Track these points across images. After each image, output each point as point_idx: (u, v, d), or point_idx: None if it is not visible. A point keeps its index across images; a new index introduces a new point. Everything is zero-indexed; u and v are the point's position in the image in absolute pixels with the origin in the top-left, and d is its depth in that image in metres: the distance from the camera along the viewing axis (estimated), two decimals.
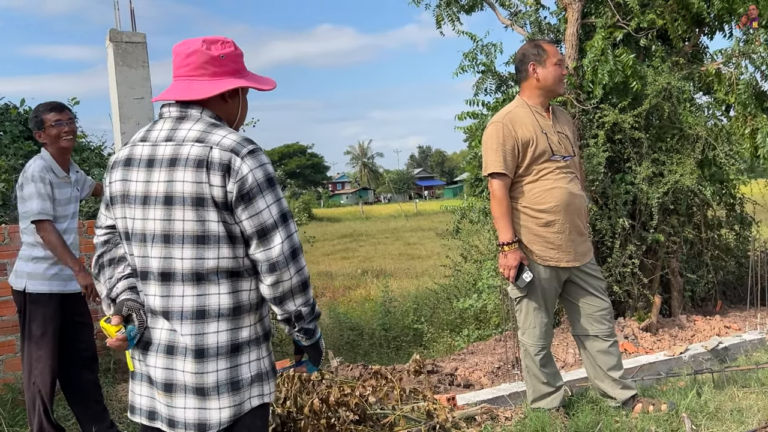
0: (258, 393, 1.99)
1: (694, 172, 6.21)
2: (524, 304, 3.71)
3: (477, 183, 7.54)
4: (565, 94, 6.33)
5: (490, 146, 3.62)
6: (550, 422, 3.46)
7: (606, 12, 6.65)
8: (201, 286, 1.92)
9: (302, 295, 1.95)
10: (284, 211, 1.94)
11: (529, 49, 3.77)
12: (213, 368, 1.91)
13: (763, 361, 4.60)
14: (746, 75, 6.85)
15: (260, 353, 2.01)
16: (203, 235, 1.90)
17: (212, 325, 1.92)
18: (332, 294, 12.62)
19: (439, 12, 7.48)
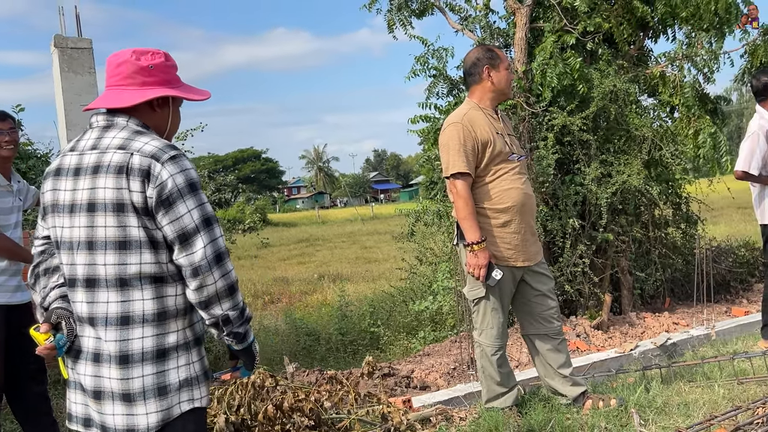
0: (188, 398, 1.99)
1: (641, 173, 6.35)
2: (482, 305, 3.75)
3: (432, 186, 7.58)
4: (515, 97, 6.42)
5: (452, 147, 3.63)
6: (504, 421, 3.51)
7: (554, 16, 6.78)
8: (125, 292, 1.94)
9: (229, 299, 1.95)
10: (207, 216, 1.94)
11: (483, 52, 3.81)
12: (138, 374, 1.93)
13: (708, 356, 4.73)
14: (689, 77, 7.06)
15: (189, 358, 2.00)
16: (124, 240, 1.92)
17: (137, 331, 1.94)
18: (288, 299, 12.54)
19: (390, 17, 7.53)
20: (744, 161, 5.11)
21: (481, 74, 3.76)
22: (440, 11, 7.41)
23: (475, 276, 3.60)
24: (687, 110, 6.90)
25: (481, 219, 3.67)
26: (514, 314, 4.03)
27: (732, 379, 4.18)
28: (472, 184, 3.66)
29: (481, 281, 3.61)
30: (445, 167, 3.69)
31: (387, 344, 7.69)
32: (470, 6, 7.32)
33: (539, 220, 6.19)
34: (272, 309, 11.64)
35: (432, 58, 6.99)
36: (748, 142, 5.13)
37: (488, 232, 3.66)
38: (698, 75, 7.08)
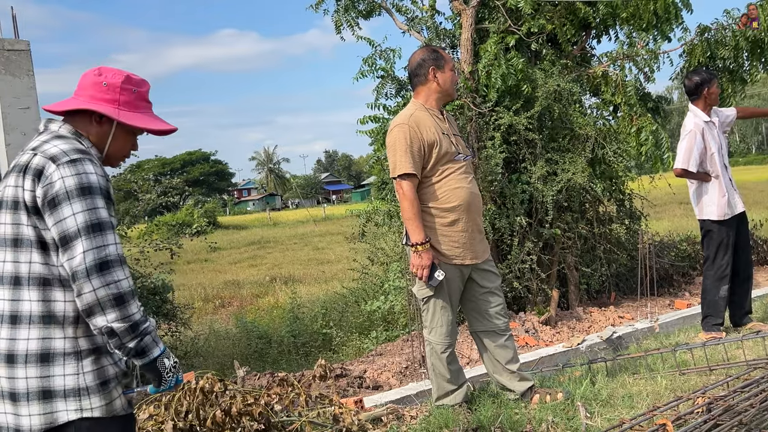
0: (76, 407, 1.95)
1: (586, 170, 6.49)
2: (431, 304, 3.78)
3: (383, 186, 7.62)
4: (462, 97, 6.49)
5: (398, 148, 3.66)
6: (454, 418, 3.55)
7: (498, 17, 6.87)
8: (16, 290, 1.95)
9: (114, 310, 1.88)
10: (94, 221, 1.91)
11: (428, 54, 3.85)
12: (22, 375, 1.92)
13: (652, 348, 4.86)
14: (631, 77, 7.24)
15: (79, 368, 1.96)
16: (17, 238, 1.95)
17: (23, 332, 1.94)
18: (240, 303, 12.44)
19: (337, 17, 7.52)
20: (682, 159, 5.28)
21: (427, 75, 3.80)
22: (387, 12, 7.44)
23: (418, 276, 3.65)
24: (629, 109, 7.07)
25: (429, 218, 3.70)
26: (463, 311, 4.07)
27: (674, 370, 4.31)
28: (419, 185, 3.70)
29: (424, 281, 3.65)
30: (392, 168, 3.72)
31: (340, 345, 7.69)
32: (416, 7, 7.37)
33: (488, 218, 6.27)
34: (223, 313, 11.53)
35: (379, 59, 7.03)
36: (686, 140, 5.29)
37: (436, 231, 3.69)
38: (639, 74, 7.27)
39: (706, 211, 5.30)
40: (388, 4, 7.41)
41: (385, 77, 7.04)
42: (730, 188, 5.27)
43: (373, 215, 7.58)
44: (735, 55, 7.04)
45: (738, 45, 6.92)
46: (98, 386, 1.98)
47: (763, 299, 6.51)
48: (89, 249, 1.88)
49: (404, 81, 7.03)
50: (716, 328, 5.29)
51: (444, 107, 4.01)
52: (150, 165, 71.62)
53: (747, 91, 7.90)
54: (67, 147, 1.97)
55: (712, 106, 5.37)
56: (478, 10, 6.82)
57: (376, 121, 7.12)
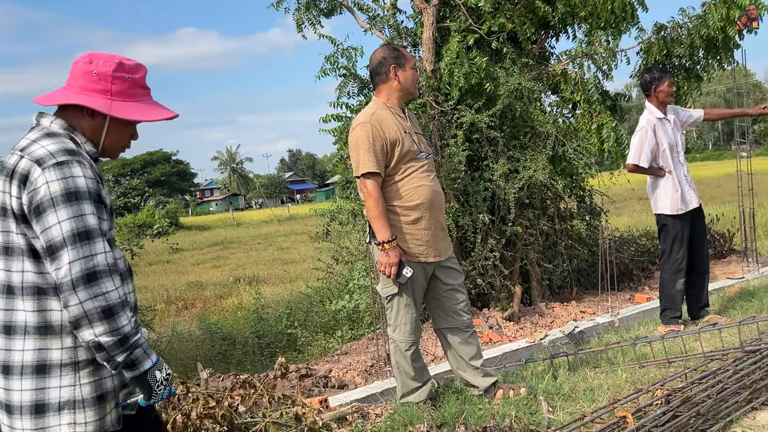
0: (69, 421, 1.87)
1: (547, 168, 6.57)
2: (395, 302, 3.79)
3: (347, 185, 7.61)
4: (424, 96, 6.52)
5: (361, 146, 3.65)
6: (418, 415, 3.56)
7: (459, 16, 6.91)
8: (10, 299, 1.87)
9: (102, 323, 1.78)
10: (81, 230, 1.80)
11: (389, 52, 3.84)
12: (18, 387, 1.86)
13: (612, 342, 4.94)
14: (590, 74, 7.35)
15: (76, 379, 1.88)
16: (8, 246, 1.86)
17: (18, 343, 1.86)
18: (203, 304, 12.32)
19: (299, 16, 7.50)
20: (634, 155, 5.39)
21: (388, 74, 3.80)
22: (348, 11, 7.44)
23: (386, 274, 3.65)
24: (588, 106, 7.18)
25: (392, 217, 3.70)
26: (427, 309, 4.09)
27: (634, 364, 4.38)
28: (382, 183, 3.70)
29: (392, 279, 3.66)
30: (355, 167, 3.71)
31: (305, 345, 7.67)
32: (378, 5, 7.38)
33: (451, 216, 6.30)
34: (186, 315, 11.41)
35: (341, 57, 7.02)
36: (638, 136, 5.40)
37: (399, 229, 3.70)
38: (598, 72, 7.39)
39: (661, 206, 5.41)
40: (349, 2, 7.41)
41: (347, 76, 7.03)
42: (684, 184, 5.38)
43: (337, 214, 7.58)
44: (690, 53, 7.19)
45: (693, 43, 7.06)
46: (94, 399, 1.91)
47: (719, 292, 6.66)
48: (75, 259, 1.77)
49: (366, 79, 7.03)
50: (675, 321, 5.39)
51: (406, 106, 4.02)
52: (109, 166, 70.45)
53: (703, 88, 8.07)
54: (55, 148, 1.86)
55: (667, 103, 5.47)
56: (440, 9, 6.86)
57: (338, 119, 7.11)
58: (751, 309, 5.59)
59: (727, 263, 8.82)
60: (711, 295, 6.20)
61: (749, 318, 4.64)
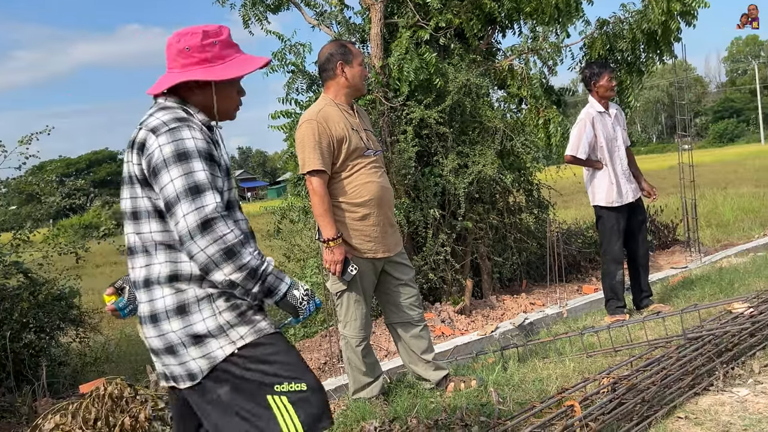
0: (227, 342, 2.06)
1: (495, 162, 6.64)
2: (345, 298, 3.79)
3: (298, 182, 7.55)
4: (373, 92, 6.52)
5: (307, 144, 3.64)
6: (370, 411, 3.57)
7: (407, 12, 6.92)
8: (147, 257, 2.09)
9: (228, 263, 1.96)
10: (192, 184, 1.97)
11: (336, 48, 3.84)
12: (168, 329, 2.06)
13: (561, 333, 5.03)
14: (535, 70, 7.45)
15: (214, 309, 2.06)
16: (136, 211, 2.09)
17: (157, 291, 2.07)
18: None
19: (245, 12, 7.41)
20: (572, 146, 5.52)
21: (335, 70, 3.79)
22: (296, 6, 7.38)
23: (331, 271, 3.65)
24: (535, 101, 7.28)
25: (340, 213, 3.70)
26: (379, 304, 4.10)
27: (581, 353, 4.47)
28: (329, 180, 3.69)
29: (338, 276, 3.66)
30: (301, 165, 3.71)
31: None
32: (325, 1, 7.34)
33: (402, 211, 6.32)
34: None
35: (289, 53, 6.96)
36: (576, 128, 5.53)
37: (347, 226, 3.70)
38: (543, 67, 7.49)
39: (597, 197, 5.55)
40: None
41: (296, 72, 6.97)
42: (621, 177, 5.52)
43: (288, 212, 7.52)
44: (632, 48, 7.34)
45: (635, 37, 7.21)
46: (237, 317, 2.08)
47: (663, 282, 6.84)
48: (189, 212, 1.95)
49: (315, 76, 6.98)
50: (620, 311, 5.52)
51: (355, 102, 4.01)
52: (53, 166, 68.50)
53: (645, 83, 8.26)
54: (167, 117, 2.06)
55: (607, 98, 5.59)
56: (387, 5, 6.86)
57: (287, 116, 7.06)
58: (694, 297, 5.76)
59: (670, 253, 9.06)
60: (655, 285, 6.37)
61: (691, 306, 4.78)
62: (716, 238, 10.17)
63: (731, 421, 3.23)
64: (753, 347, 4.09)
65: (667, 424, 3.25)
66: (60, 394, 5.50)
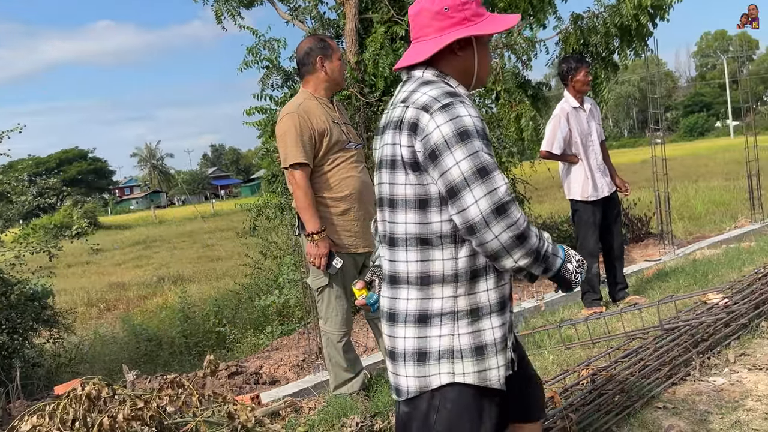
0: (448, 370, 1.88)
1: None
2: (326, 294, 3.77)
3: (273, 179, 7.51)
4: (349, 88, 6.50)
5: (289, 137, 3.61)
6: (351, 406, 3.55)
7: (382, 7, 6.91)
8: (394, 251, 1.94)
9: (519, 249, 1.79)
10: (478, 166, 1.78)
11: (315, 43, 3.81)
12: (401, 334, 1.92)
13: (538, 326, 5.06)
14: (510, 65, 7.49)
15: (454, 329, 1.88)
16: (393, 198, 1.92)
17: (402, 291, 1.92)
18: (126, 305, 12.00)
19: (218, 7, 7.36)
20: (547, 141, 5.55)
21: (315, 64, 3.77)
22: (269, 1, 7.34)
23: (316, 265, 3.63)
24: (509, 96, 7.32)
25: (321, 208, 3.68)
26: None
27: (560, 346, 4.50)
28: (310, 174, 3.67)
29: (323, 270, 3.64)
30: (283, 158, 3.67)
31: (234, 342, 7.56)
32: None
33: None
34: (109, 317, 11.09)
35: (264, 49, 6.92)
36: (551, 124, 5.56)
37: (329, 220, 3.68)
38: (517, 62, 7.54)
39: (572, 191, 5.59)
40: None
41: (271, 68, 6.94)
42: (596, 171, 5.56)
43: (264, 209, 7.49)
44: (606, 42, 7.41)
45: (609, 32, 7.28)
46: (473, 350, 1.89)
47: (638, 274, 6.91)
48: (481, 197, 1.77)
49: (290, 71, 6.95)
50: (596, 303, 5.57)
51: (334, 96, 4.00)
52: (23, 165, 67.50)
53: (619, 77, 8.35)
54: (437, 92, 1.86)
55: (583, 92, 5.63)
56: (362, 0, 6.84)
57: (262, 112, 7.02)
58: (669, 289, 5.83)
59: (644, 246, 9.17)
60: (630, 277, 6.44)
61: (667, 297, 4.83)
62: (689, 230, 10.31)
63: (708, 410, 3.27)
64: (728, 337, 4.15)
65: (645, 414, 3.28)
66: (34, 396, 5.42)
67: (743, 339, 4.15)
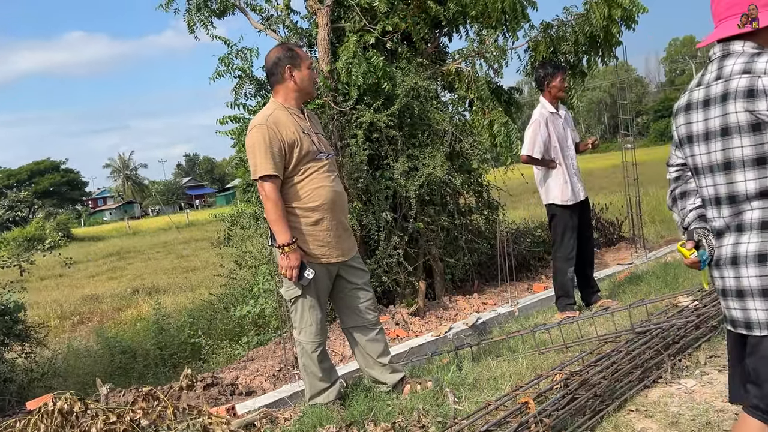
0: None
1: (445, 164, 6.70)
2: (299, 304, 3.77)
3: (248, 188, 7.48)
4: (323, 96, 6.50)
5: (258, 149, 3.61)
6: (327, 416, 3.55)
7: (354, 16, 6.93)
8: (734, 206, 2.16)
9: None
10: None
11: (284, 52, 3.81)
12: (745, 274, 2.14)
13: (513, 331, 5.10)
14: (482, 72, 7.55)
15: None
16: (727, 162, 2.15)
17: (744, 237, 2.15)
18: (100, 318, 11.85)
19: (189, 17, 7.32)
20: (528, 146, 5.60)
21: (283, 74, 3.77)
22: (241, 11, 7.32)
23: (287, 277, 3.63)
24: (481, 103, 7.37)
25: (293, 218, 3.68)
26: (334, 309, 4.09)
27: (534, 350, 4.54)
28: (282, 185, 3.67)
29: (294, 282, 3.64)
30: (252, 170, 3.67)
31: (209, 353, 7.50)
32: (271, 6, 7.30)
33: (355, 215, 6.32)
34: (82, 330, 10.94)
35: (236, 58, 6.89)
36: (531, 128, 5.61)
37: (300, 231, 3.68)
38: (489, 70, 7.60)
39: (551, 196, 5.64)
40: (242, 3, 7.29)
41: (243, 77, 6.92)
42: (573, 176, 5.64)
43: (238, 218, 7.45)
44: (575, 50, 7.50)
45: (578, 40, 7.37)
46: None
47: (611, 278, 6.99)
48: None
49: (263, 81, 6.94)
50: (570, 308, 5.62)
51: (305, 105, 4.00)
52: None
53: (588, 84, 8.45)
54: None
55: (559, 98, 5.70)
56: (334, 9, 6.85)
57: (236, 121, 6.99)
58: (640, 292, 5.90)
59: (617, 250, 9.27)
60: (602, 281, 6.51)
61: (639, 301, 4.90)
62: (660, 234, 10.44)
63: (680, 412, 3.32)
64: (699, 339, 4.22)
65: (618, 417, 3.32)
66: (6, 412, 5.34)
67: (713, 341, 4.22)
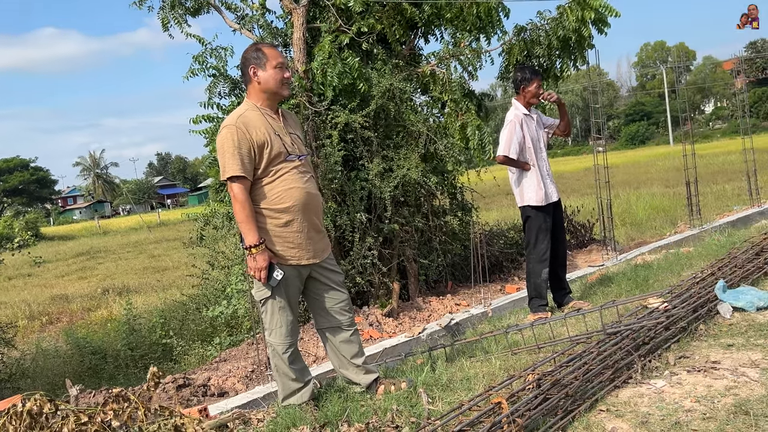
0: None
1: (419, 166, 6.72)
2: (269, 305, 3.75)
3: (221, 188, 7.44)
4: (298, 96, 6.49)
5: (227, 150, 3.58)
6: (301, 417, 3.54)
7: (330, 17, 6.93)
8: None
9: None
10: None
11: (250, 52, 3.79)
12: None
13: (486, 332, 5.12)
14: (456, 75, 7.59)
15: None
16: None
17: None
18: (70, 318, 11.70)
19: (164, 15, 7.27)
20: (504, 147, 5.63)
21: (249, 74, 3.75)
22: (216, 10, 7.28)
23: (256, 278, 3.61)
24: (455, 105, 7.41)
25: (263, 220, 3.66)
26: (309, 310, 4.08)
27: (507, 351, 4.57)
28: (252, 186, 3.65)
29: (263, 283, 3.62)
30: (222, 171, 3.64)
31: (181, 354, 7.44)
32: (246, 5, 7.27)
33: (329, 216, 6.31)
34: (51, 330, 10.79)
35: (211, 57, 6.86)
36: (507, 130, 5.65)
37: (270, 232, 3.66)
38: (464, 72, 7.64)
39: (526, 198, 5.68)
40: (216, 1, 7.25)
41: (218, 76, 6.88)
42: (546, 178, 5.69)
43: (211, 218, 7.41)
44: (548, 54, 7.57)
45: (551, 44, 7.44)
46: None
47: (582, 279, 7.06)
48: None
49: (237, 79, 6.91)
50: (542, 309, 5.67)
51: (279, 105, 3.98)
52: None
53: (561, 87, 8.54)
54: None
55: (531, 105, 5.75)
56: (309, 10, 6.84)
57: (210, 120, 6.96)
58: (611, 294, 5.97)
59: (588, 252, 9.37)
60: (574, 282, 6.57)
61: (610, 302, 4.95)
62: (630, 236, 10.58)
63: (650, 412, 3.36)
64: (668, 340, 4.28)
65: (590, 417, 3.35)
66: None
67: (682, 342, 4.28)
